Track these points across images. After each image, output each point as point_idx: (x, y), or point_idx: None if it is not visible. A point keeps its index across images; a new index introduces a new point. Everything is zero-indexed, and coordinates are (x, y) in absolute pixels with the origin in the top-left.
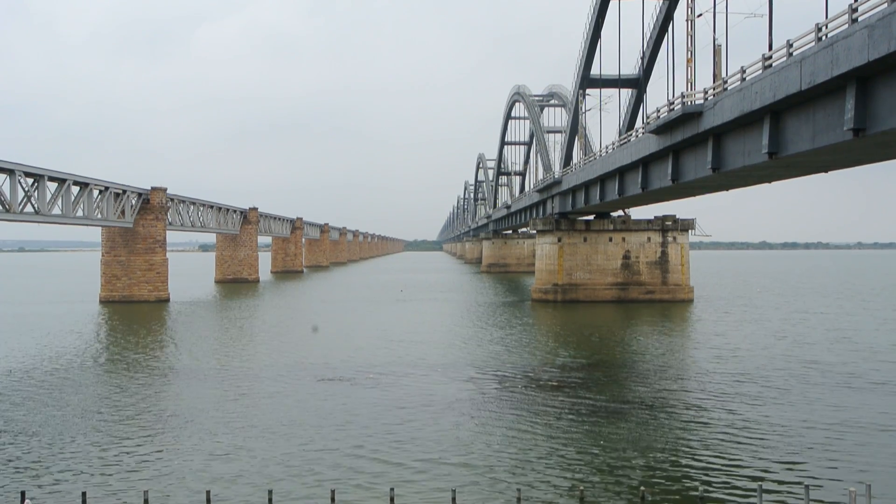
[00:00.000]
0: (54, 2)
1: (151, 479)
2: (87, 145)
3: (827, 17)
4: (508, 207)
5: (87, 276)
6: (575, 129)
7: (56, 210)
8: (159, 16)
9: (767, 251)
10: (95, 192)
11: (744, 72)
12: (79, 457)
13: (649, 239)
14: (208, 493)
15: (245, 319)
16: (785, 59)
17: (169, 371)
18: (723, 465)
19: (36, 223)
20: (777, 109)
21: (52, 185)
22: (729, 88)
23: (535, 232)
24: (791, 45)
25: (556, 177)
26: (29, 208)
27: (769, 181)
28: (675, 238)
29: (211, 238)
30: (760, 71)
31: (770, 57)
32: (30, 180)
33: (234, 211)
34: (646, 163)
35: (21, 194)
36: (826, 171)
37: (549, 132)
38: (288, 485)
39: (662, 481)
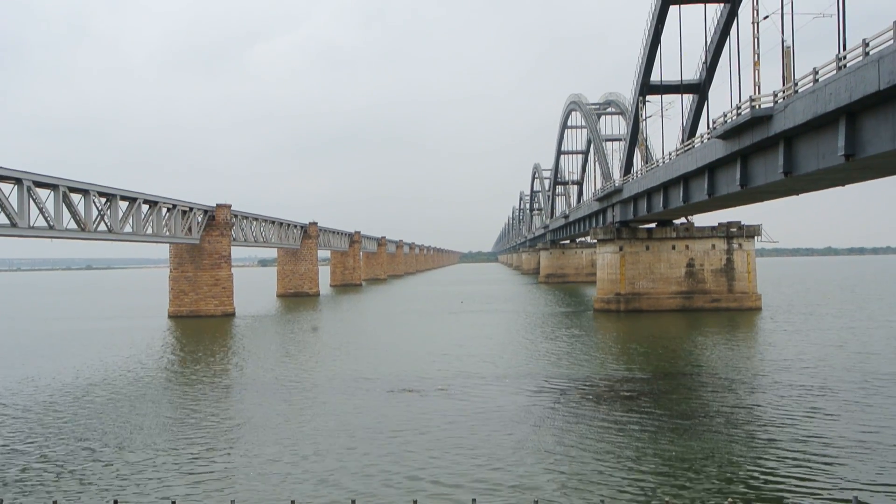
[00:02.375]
0: (118, 26)
1: (237, 485)
2: (148, 166)
3: None
4: (566, 217)
5: (155, 293)
6: (635, 136)
7: (127, 228)
8: (212, 39)
9: (833, 257)
10: (164, 210)
11: (816, 73)
12: (164, 465)
13: (713, 246)
14: (293, 502)
15: (309, 332)
16: (861, 58)
17: (240, 382)
18: (808, 480)
19: (108, 241)
20: (853, 110)
21: (123, 205)
22: (800, 91)
23: (594, 241)
24: (867, 45)
25: (617, 185)
26: (102, 226)
27: (842, 184)
28: (740, 245)
29: (269, 253)
30: (834, 72)
31: (844, 57)
32: (102, 199)
33: (295, 226)
34: (712, 168)
35: (95, 213)
36: None
37: (606, 140)
38: (369, 498)
39: (746, 492)
